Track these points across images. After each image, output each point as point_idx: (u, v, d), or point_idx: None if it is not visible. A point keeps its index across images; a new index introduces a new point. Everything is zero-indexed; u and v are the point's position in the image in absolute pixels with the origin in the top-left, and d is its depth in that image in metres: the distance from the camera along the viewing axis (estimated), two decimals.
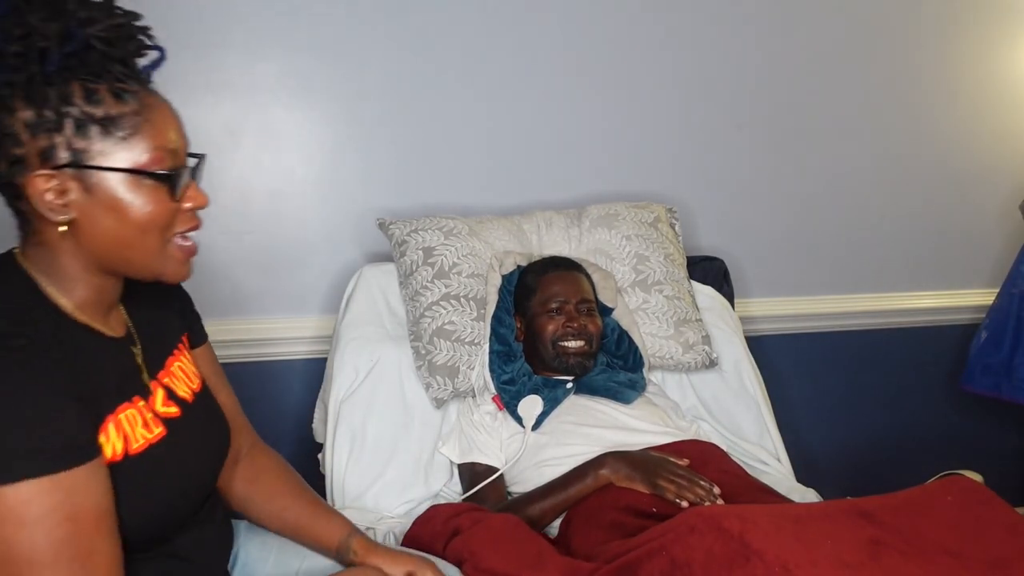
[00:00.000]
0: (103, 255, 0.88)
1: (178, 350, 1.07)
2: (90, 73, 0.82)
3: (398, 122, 1.92)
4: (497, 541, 1.23)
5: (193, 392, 1.05)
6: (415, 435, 1.66)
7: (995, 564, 1.07)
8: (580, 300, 1.66)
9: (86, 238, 0.86)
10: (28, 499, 0.77)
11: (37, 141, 0.82)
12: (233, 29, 1.77)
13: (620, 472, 1.39)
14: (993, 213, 2.46)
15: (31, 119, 0.81)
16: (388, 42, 1.88)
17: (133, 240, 0.88)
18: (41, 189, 0.83)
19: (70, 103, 0.82)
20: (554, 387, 1.63)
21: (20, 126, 0.81)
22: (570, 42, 2.00)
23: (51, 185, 0.83)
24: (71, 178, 0.84)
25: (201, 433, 1.04)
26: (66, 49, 0.80)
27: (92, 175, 0.84)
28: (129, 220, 0.86)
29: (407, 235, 1.77)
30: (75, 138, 0.83)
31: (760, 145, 2.20)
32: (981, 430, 2.57)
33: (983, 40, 2.34)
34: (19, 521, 0.76)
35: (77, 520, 0.79)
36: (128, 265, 0.90)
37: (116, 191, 0.85)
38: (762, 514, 1.11)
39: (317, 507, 1.20)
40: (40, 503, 0.77)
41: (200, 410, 1.05)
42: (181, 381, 1.04)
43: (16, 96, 0.81)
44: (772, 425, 1.84)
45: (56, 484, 0.78)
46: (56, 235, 0.86)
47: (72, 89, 0.82)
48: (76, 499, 0.80)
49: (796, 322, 2.32)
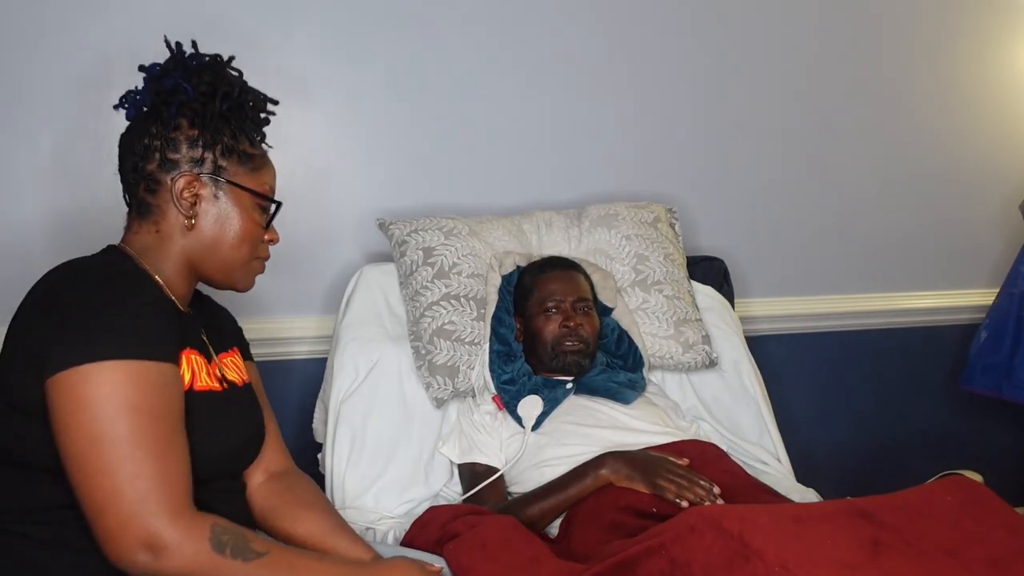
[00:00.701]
0: (202, 251, 1.10)
1: (232, 351, 1.22)
2: (239, 120, 1.12)
3: (398, 122, 1.92)
4: (488, 549, 1.22)
5: (241, 380, 1.19)
6: (415, 435, 1.66)
7: (995, 564, 1.07)
8: (577, 299, 1.66)
9: (198, 233, 1.09)
10: (119, 378, 0.91)
11: (192, 152, 1.08)
12: (234, 29, 1.76)
13: (620, 472, 1.39)
14: (993, 213, 2.46)
15: (194, 136, 1.08)
16: (388, 43, 1.88)
17: (228, 246, 1.11)
18: (183, 187, 1.07)
19: (223, 133, 1.10)
20: (554, 387, 1.63)
21: (182, 138, 1.08)
22: (570, 42, 2.00)
23: (192, 187, 1.08)
24: (207, 185, 1.09)
25: (248, 408, 1.19)
26: (236, 99, 1.10)
27: (223, 187, 1.10)
28: (234, 229, 1.11)
29: (407, 235, 1.77)
30: (221, 158, 1.09)
31: (760, 145, 2.20)
32: (981, 430, 2.57)
33: (983, 40, 2.34)
34: (108, 398, 0.90)
35: (155, 413, 0.93)
36: (215, 265, 1.12)
37: (233, 206, 1.11)
38: (762, 514, 1.11)
39: (343, 529, 1.20)
40: (128, 384, 0.91)
41: (246, 394, 1.20)
42: (231, 369, 1.18)
43: (185, 116, 1.07)
44: (772, 425, 1.84)
45: (144, 370, 0.93)
46: (175, 227, 1.09)
47: (227, 126, 1.10)
48: (157, 391, 0.94)
49: (796, 322, 2.32)
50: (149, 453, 0.91)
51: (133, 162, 1.08)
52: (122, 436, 0.90)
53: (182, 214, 1.08)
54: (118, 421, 0.90)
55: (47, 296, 0.98)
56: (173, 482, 0.92)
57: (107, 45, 1.69)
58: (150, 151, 1.07)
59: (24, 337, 0.96)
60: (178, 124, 1.08)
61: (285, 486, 1.23)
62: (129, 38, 1.66)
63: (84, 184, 1.72)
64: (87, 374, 0.90)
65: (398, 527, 1.51)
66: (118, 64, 1.67)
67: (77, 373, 0.90)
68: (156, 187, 1.08)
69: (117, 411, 0.90)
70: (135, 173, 1.09)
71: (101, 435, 0.90)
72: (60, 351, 0.91)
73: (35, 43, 1.66)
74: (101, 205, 1.64)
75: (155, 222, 1.09)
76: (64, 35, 1.67)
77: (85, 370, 0.90)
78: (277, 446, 1.27)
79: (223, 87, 1.09)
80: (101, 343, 0.92)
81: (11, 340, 0.99)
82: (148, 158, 1.08)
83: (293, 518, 1.19)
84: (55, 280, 1.00)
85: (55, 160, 1.72)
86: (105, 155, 1.52)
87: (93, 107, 1.70)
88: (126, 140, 1.11)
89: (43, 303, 0.98)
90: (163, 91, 1.08)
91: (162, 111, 1.08)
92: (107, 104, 1.50)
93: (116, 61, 1.68)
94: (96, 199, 1.69)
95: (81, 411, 0.90)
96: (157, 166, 1.07)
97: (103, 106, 1.68)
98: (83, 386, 0.90)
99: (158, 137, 1.07)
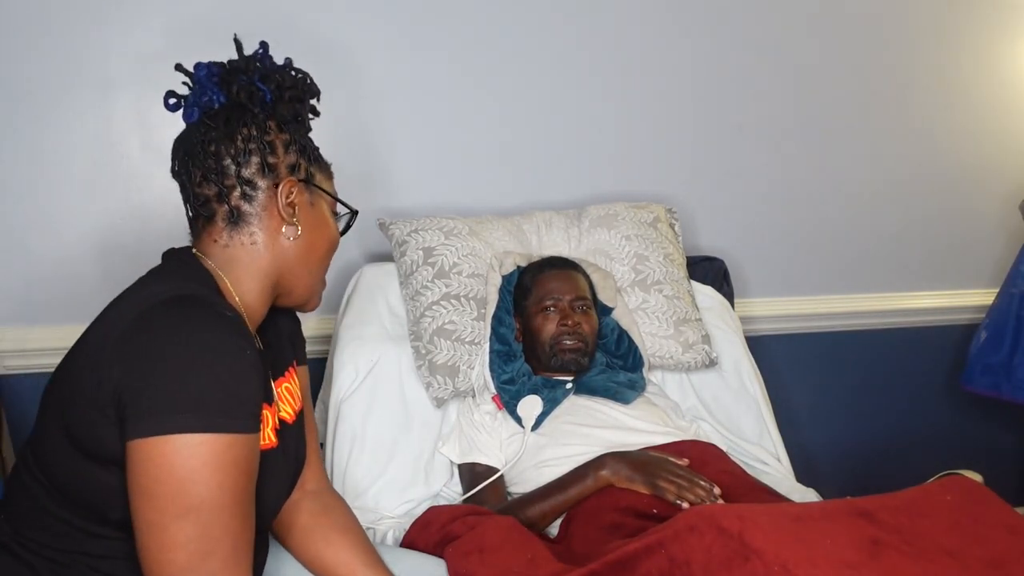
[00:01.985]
0: (295, 263, 1.05)
1: (288, 373, 1.16)
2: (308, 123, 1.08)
3: (398, 122, 1.92)
4: (487, 550, 1.22)
5: (294, 414, 1.13)
6: (415, 435, 1.66)
7: (995, 564, 1.07)
8: (575, 298, 1.67)
9: (298, 243, 1.04)
10: (209, 452, 0.86)
11: (289, 156, 1.04)
12: (233, 29, 1.76)
13: (620, 473, 1.39)
14: (993, 213, 2.46)
15: (286, 140, 1.04)
16: (387, 42, 1.88)
17: (319, 256, 1.08)
18: (289, 193, 1.02)
19: (305, 137, 1.06)
20: (553, 387, 1.63)
21: (279, 142, 1.03)
22: (570, 42, 2.00)
23: (293, 192, 1.03)
24: (304, 192, 1.05)
25: (295, 448, 1.13)
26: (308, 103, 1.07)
27: (316, 194, 1.07)
28: (325, 237, 1.09)
29: (407, 235, 1.77)
30: (310, 164, 1.06)
31: (760, 145, 2.20)
32: (981, 430, 2.57)
33: (983, 40, 2.34)
34: (197, 472, 0.86)
35: (237, 489, 0.89)
36: (303, 278, 1.07)
37: (325, 212, 1.09)
38: (762, 513, 1.11)
39: (377, 563, 1.17)
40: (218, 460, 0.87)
41: (295, 433, 1.14)
42: (286, 402, 1.12)
43: (272, 119, 1.03)
44: (772, 425, 1.84)
45: (234, 445, 0.88)
46: (273, 236, 1.03)
47: (305, 130, 1.07)
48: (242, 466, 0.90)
49: (796, 322, 2.32)
50: (226, 531, 0.88)
51: (220, 167, 1.00)
52: (204, 512, 0.86)
53: (287, 222, 1.02)
54: (204, 498, 0.86)
55: (139, 338, 0.89)
56: (242, 559, 0.90)
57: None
58: (247, 155, 1.00)
59: (104, 380, 0.87)
60: (268, 127, 1.02)
61: (321, 507, 1.19)
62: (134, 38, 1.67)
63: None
64: (179, 446, 0.85)
65: (398, 527, 1.51)
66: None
67: (168, 443, 0.85)
68: (255, 193, 1.01)
69: (204, 488, 0.86)
70: (223, 177, 1.00)
71: (184, 510, 0.86)
72: (151, 414, 0.85)
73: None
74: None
75: (251, 233, 1.02)
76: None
77: (177, 441, 0.85)
78: (316, 463, 1.23)
79: (301, 90, 1.05)
80: (197, 414, 0.86)
81: (84, 373, 0.90)
82: (245, 163, 1.00)
83: (327, 541, 1.16)
84: (148, 319, 0.90)
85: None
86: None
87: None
88: (195, 143, 1.01)
89: (134, 346, 0.88)
90: (243, 91, 1.01)
91: (251, 114, 1.01)
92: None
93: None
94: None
95: (167, 482, 0.85)
96: (257, 171, 1.01)
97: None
98: (174, 457, 0.85)
99: (254, 141, 1.01)
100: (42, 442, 0.96)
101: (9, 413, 1.72)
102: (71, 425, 0.91)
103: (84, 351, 0.93)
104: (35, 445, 0.97)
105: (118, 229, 1.75)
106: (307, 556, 1.17)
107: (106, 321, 0.94)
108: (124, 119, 1.73)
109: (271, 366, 1.09)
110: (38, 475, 0.95)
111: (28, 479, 0.96)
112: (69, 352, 0.96)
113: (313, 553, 1.16)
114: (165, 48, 1.69)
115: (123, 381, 0.86)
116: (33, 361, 1.71)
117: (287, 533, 1.18)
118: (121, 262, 1.05)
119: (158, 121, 1.71)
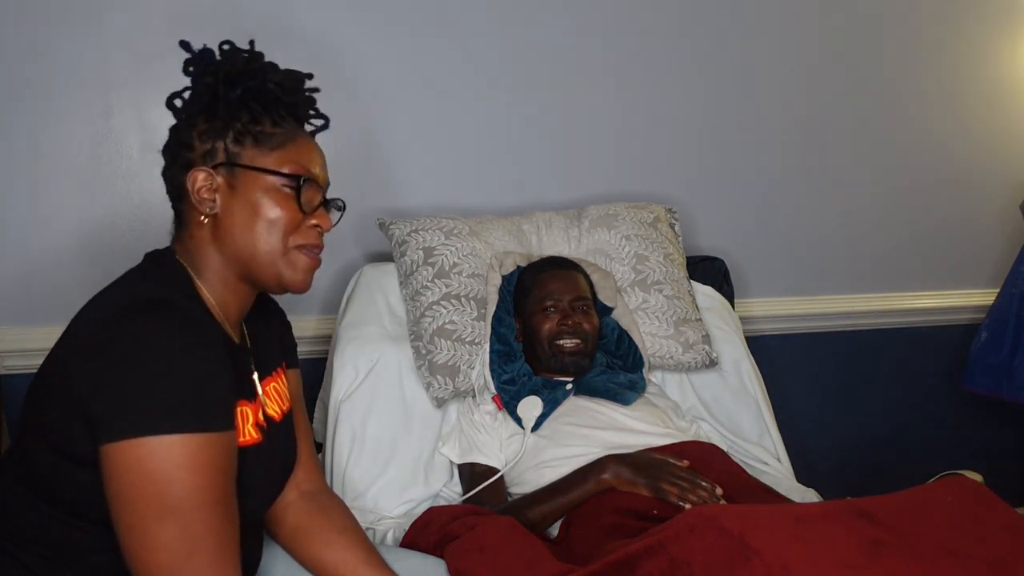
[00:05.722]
0: (237, 251, 1.01)
1: (276, 373, 1.16)
2: (260, 105, 1.02)
3: (398, 122, 1.92)
4: (487, 551, 1.22)
5: (281, 412, 1.13)
6: (415, 435, 1.66)
7: (995, 564, 1.07)
8: (575, 298, 1.66)
9: (224, 230, 1.01)
10: (183, 452, 0.86)
11: (204, 145, 1.01)
12: (234, 30, 1.76)
13: (622, 476, 1.38)
14: (993, 213, 2.46)
15: (204, 129, 1.01)
16: (387, 42, 1.88)
17: (259, 236, 1.01)
18: (197, 183, 1.00)
19: (236, 119, 1.01)
20: (554, 388, 1.63)
21: (195, 135, 1.01)
22: (570, 43, 2.00)
23: (205, 180, 1.00)
24: (222, 176, 1.01)
25: (283, 444, 1.14)
26: (247, 83, 1.01)
27: (239, 175, 1.01)
28: (259, 217, 1.01)
29: (407, 235, 1.77)
30: (232, 144, 1.01)
31: (760, 145, 2.20)
32: (981, 430, 2.57)
33: (983, 40, 2.34)
34: (172, 473, 0.86)
35: (215, 487, 0.89)
36: (256, 264, 1.02)
37: (255, 191, 1.01)
38: (762, 514, 1.11)
39: (377, 562, 1.17)
40: (192, 459, 0.87)
41: (283, 430, 1.13)
42: (274, 401, 1.12)
43: (199, 113, 1.02)
44: (772, 425, 1.84)
45: (208, 443, 0.88)
46: (202, 229, 1.01)
47: (242, 112, 1.01)
48: (219, 464, 0.90)
49: (796, 322, 2.32)
50: (209, 529, 0.88)
51: (169, 171, 1.04)
52: (183, 512, 0.87)
53: (199, 211, 1.01)
54: (181, 498, 0.86)
55: (104, 345, 0.89)
56: (228, 556, 0.90)
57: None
58: (173, 156, 1.03)
59: (74, 386, 0.88)
60: (195, 122, 1.02)
61: (317, 507, 1.19)
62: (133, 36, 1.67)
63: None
64: (152, 448, 0.85)
65: (397, 527, 1.51)
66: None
67: (140, 446, 0.85)
68: (180, 191, 1.02)
69: (180, 488, 0.86)
70: (169, 180, 1.04)
71: (163, 512, 0.86)
72: (121, 418, 0.86)
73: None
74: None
75: (187, 226, 1.03)
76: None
77: (149, 443, 0.85)
78: (310, 464, 1.23)
79: (227, 72, 1.02)
80: (167, 415, 0.86)
81: (56, 378, 0.92)
82: (172, 163, 1.03)
83: (326, 542, 1.16)
84: (113, 326, 0.90)
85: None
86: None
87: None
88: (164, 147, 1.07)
89: (100, 353, 0.89)
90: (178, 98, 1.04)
91: (179, 113, 1.04)
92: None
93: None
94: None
95: (142, 485, 0.85)
96: (178, 169, 1.02)
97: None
98: (147, 460, 0.85)
99: (177, 141, 1.03)
100: (24, 441, 0.97)
101: (9, 413, 1.72)
102: (46, 426, 0.92)
103: (57, 355, 0.94)
104: (19, 444, 0.98)
105: (118, 229, 1.75)
106: (307, 557, 1.17)
107: (78, 322, 0.96)
108: (124, 119, 1.73)
109: (256, 364, 1.10)
110: (22, 474, 0.96)
111: (12, 478, 0.97)
112: (49, 353, 0.97)
113: (313, 554, 1.16)
114: (165, 48, 1.69)
115: (90, 388, 0.87)
116: (33, 361, 1.68)
117: (286, 535, 1.18)
118: (121, 262, 1.04)
119: (158, 121, 1.70)
